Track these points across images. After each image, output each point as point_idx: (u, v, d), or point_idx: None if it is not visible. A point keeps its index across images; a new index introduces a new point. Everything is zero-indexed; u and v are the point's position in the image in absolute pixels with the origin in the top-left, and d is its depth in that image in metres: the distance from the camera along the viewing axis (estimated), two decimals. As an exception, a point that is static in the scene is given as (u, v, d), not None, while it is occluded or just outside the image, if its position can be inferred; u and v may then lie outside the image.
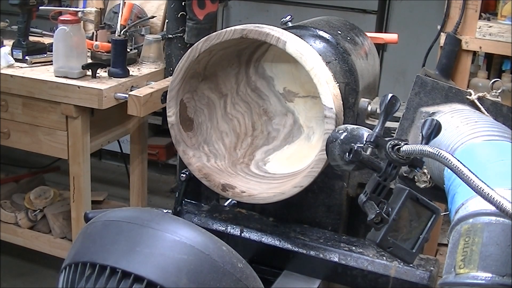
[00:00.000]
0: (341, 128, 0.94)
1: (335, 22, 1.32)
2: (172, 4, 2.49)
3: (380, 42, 1.58)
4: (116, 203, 3.10)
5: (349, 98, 1.19)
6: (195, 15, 2.45)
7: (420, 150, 0.75)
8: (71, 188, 2.35)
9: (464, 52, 2.26)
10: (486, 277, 0.66)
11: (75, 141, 2.25)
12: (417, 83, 1.12)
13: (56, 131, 2.22)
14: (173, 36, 2.52)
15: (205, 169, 1.21)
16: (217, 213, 1.30)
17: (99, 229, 0.87)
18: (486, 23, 2.21)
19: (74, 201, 2.36)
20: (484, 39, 2.20)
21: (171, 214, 1.07)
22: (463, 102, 1.11)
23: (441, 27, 2.28)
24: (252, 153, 1.29)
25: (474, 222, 0.71)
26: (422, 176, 1.00)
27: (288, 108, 1.31)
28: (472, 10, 2.21)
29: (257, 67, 1.29)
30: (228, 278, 0.82)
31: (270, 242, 1.23)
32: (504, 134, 0.90)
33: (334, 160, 0.93)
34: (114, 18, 2.59)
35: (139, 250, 0.81)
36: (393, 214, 0.80)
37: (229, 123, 1.29)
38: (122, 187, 3.52)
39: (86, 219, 1.18)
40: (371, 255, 1.16)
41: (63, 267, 0.87)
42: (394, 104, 0.89)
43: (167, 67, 2.56)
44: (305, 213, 1.29)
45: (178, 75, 1.16)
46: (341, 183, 1.25)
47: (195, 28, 2.47)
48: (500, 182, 0.73)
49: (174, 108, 1.19)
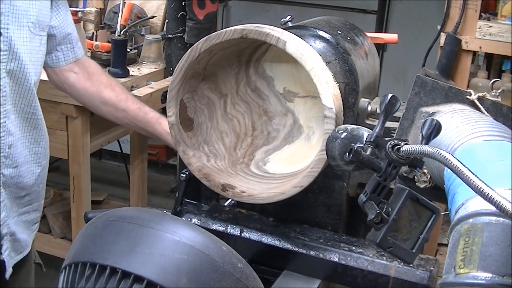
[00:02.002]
0: (341, 128, 0.94)
1: (335, 22, 1.32)
2: (172, 4, 2.50)
3: (380, 42, 1.58)
4: (116, 203, 3.11)
5: (349, 98, 1.19)
6: (195, 15, 2.45)
7: (420, 150, 0.75)
8: (71, 188, 2.35)
9: (464, 52, 2.26)
10: (486, 277, 0.66)
11: (75, 141, 2.25)
12: (417, 83, 1.12)
13: (56, 131, 2.22)
14: (173, 36, 2.53)
15: (205, 169, 1.21)
16: (217, 213, 1.30)
17: (99, 229, 0.87)
18: (486, 23, 2.21)
19: (74, 201, 2.37)
20: (484, 39, 2.21)
21: (171, 214, 1.07)
22: (463, 102, 1.11)
23: (441, 27, 2.28)
24: (252, 153, 1.29)
25: (474, 222, 0.71)
26: (422, 176, 1.00)
27: (288, 108, 1.31)
28: (472, 10, 2.22)
29: (257, 67, 1.29)
30: (228, 278, 0.82)
31: (270, 242, 1.23)
32: (504, 134, 0.90)
33: (334, 160, 0.93)
34: (114, 18, 2.60)
35: (139, 250, 0.81)
36: (393, 214, 0.80)
37: (229, 123, 1.29)
38: (122, 187, 3.52)
39: (86, 219, 1.18)
40: (371, 255, 1.16)
41: (63, 267, 0.87)
42: (394, 104, 0.89)
43: (167, 67, 2.56)
44: (305, 213, 1.29)
45: (178, 75, 1.16)
46: (341, 183, 1.25)
47: (195, 28, 2.47)
48: (500, 182, 0.73)
49: (174, 108, 1.19)
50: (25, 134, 1.40)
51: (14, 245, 1.44)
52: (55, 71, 1.55)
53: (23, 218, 1.48)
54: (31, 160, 1.44)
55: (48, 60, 1.52)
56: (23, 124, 1.39)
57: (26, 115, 1.38)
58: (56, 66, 1.54)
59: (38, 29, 1.36)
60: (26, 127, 1.40)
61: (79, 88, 1.57)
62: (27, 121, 1.39)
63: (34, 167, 1.45)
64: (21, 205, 1.46)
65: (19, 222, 1.46)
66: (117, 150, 3.25)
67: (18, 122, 1.37)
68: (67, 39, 1.51)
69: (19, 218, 1.46)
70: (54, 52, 1.52)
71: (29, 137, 1.42)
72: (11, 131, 1.34)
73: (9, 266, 1.43)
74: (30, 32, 1.32)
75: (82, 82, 1.57)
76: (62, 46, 1.52)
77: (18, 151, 1.38)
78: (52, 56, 1.52)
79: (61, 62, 1.54)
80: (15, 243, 1.45)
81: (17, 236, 1.45)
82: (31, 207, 1.50)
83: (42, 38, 1.39)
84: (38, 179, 1.49)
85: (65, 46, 1.52)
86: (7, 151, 1.34)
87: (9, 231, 1.42)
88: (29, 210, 1.50)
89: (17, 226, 1.45)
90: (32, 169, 1.45)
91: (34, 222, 1.55)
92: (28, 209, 1.49)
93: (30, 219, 1.51)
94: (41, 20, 1.37)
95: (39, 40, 1.37)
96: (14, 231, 1.43)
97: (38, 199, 1.53)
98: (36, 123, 1.42)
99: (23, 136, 1.40)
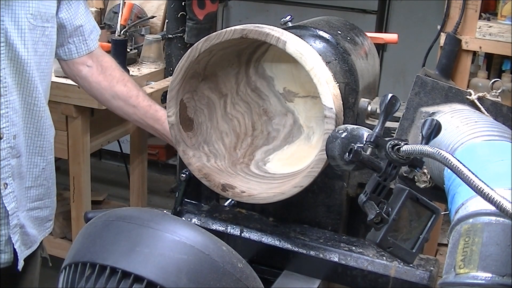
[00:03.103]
0: (341, 128, 0.94)
1: (335, 22, 1.32)
2: (172, 4, 2.50)
3: (380, 42, 1.58)
4: (116, 203, 3.11)
5: (349, 98, 1.19)
6: (195, 15, 2.45)
7: (420, 150, 0.75)
8: (71, 188, 2.36)
9: (464, 52, 2.26)
10: (486, 277, 0.66)
11: (75, 141, 2.26)
12: (417, 83, 1.12)
13: (56, 131, 2.22)
14: (173, 36, 2.53)
15: (205, 169, 1.21)
16: (217, 213, 1.30)
17: (99, 229, 0.87)
18: (486, 23, 2.21)
19: (74, 201, 2.37)
20: (484, 39, 2.21)
21: (171, 214, 1.07)
22: (463, 102, 1.11)
23: (441, 27, 2.28)
24: (252, 153, 1.29)
25: (474, 222, 0.71)
26: (422, 176, 1.00)
27: (288, 108, 1.31)
28: (472, 10, 2.22)
29: (257, 67, 1.29)
30: (228, 278, 0.82)
31: (270, 242, 1.23)
32: (504, 134, 0.90)
33: (334, 160, 0.93)
34: (114, 18, 2.60)
35: (139, 250, 0.81)
36: (393, 214, 0.80)
37: (229, 123, 1.29)
38: (122, 187, 3.52)
39: (86, 219, 1.18)
40: (371, 255, 1.16)
41: (63, 267, 0.87)
42: (394, 104, 0.89)
43: (167, 67, 2.56)
44: (305, 213, 1.29)
45: (178, 75, 1.16)
46: (341, 183, 1.25)
47: (195, 28, 2.47)
48: (500, 182, 0.73)
49: (174, 108, 1.20)
50: (28, 125, 1.41)
51: (23, 238, 1.46)
52: (68, 63, 1.57)
53: (34, 214, 1.49)
54: (34, 152, 1.45)
55: (61, 53, 1.54)
56: (26, 115, 1.40)
57: (28, 106, 1.39)
58: (69, 59, 1.55)
59: (40, 21, 1.37)
60: (29, 118, 1.41)
61: (91, 81, 1.58)
62: (30, 112, 1.40)
63: (38, 159, 1.46)
64: (30, 199, 1.47)
65: (29, 216, 1.47)
66: (117, 150, 3.25)
67: (21, 113, 1.38)
68: (78, 31, 1.52)
69: (28, 213, 1.47)
70: (66, 45, 1.53)
71: (33, 129, 1.43)
72: (14, 121, 1.35)
73: (21, 258, 1.45)
74: (29, 23, 1.33)
75: (95, 76, 1.58)
76: (74, 39, 1.53)
77: (20, 141, 1.39)
78: (65, 48, 1.53)
79: (74, 55, 1.55)
80: (25, 237, 1.46)
81: (26, 230, 1.46)
82: (42, 203, 1.51)
83: (46, 29, 1.39)
84: (45, 173, 1.50)
85: (77, 38, 1.53)
86: (12, 141, 1.36)
87: (19, 223, 1.43)
88: (40, 206, 1.51)
89: (26, 220, 1.46)
90: (36, 161, 1.46)
91: (47, 219, 1.56)
92: (39, 204, 1.51)
93: (42, 216, 1.53)
94: (43, 12, 1.37)
95: (41, 31, 1.38)
96: (24, 224, 1.45)
97: (50, 195, 1.54)
98: (39, 114, 1.43)
99: (26, 127, 1.41)
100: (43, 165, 1.48)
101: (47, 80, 1.45)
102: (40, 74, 1.40)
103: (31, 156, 1.44)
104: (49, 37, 1.42)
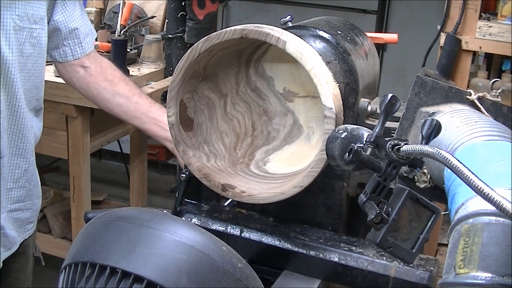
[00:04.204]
0: (341, 128, 0.94)
1: (335, 22, 1.32)
2: (172, 4, 2.50)
3: (380, 42, 1.58)
4: (116, 203, 3.11)
5: (349, 98, 1.19)
6: (195, 15, 2.46)
7: (420, 150, 0.75)
8: (71, 188, 2.36)
9: (464, 52, 2.26)
10: (486, 277, 0.66)
11: (75, 141, 2.26)
12: (417, 83, 1.12)
13: (56, 131, 2.22)
14: (173, 36, 2.53)
15: (205, 169, 1.21)
16: (217, 213, 1.30)
17: (99, 229, 0.87)
18: (486, 23, 2.21)
19: (74, 201, 2.37)
20: (484, 39, 2.21)
21: (171, 214, 1.07)
22: (463, 102, 1.11)
23: (441, 27, 2.28)
24: (252, 153, 1.29)
25: (474, 222, 0.71)
26: (422, 176, 1.00)
27: (288, 108, 1.31)
28: (472, 10, 2.22)
29: (257, 67, 1.29)
30: (228, 278, 0.82)
31: (270, 242, 1.23)
32: (504, 134, 0.90)
33: (334, 160, 0.93)
34: (114, 18, 2.60)
35: (139, 250, 0.81)
36: (393, 214, 0.80)
37: (229, 123, 1.29)
38: (122, 187, 3.53)
39: (86, 219, 1.18)
40: (371, 255, 1.16)
41: (63, 267, 0.87)
42: (394, 104, 0.89)
43: (167, 67, 2.56)
44: (305, 213, 1.29)
45: (178, 75, 1.16)
46: (341, 183, 1.25)
47: (195, 28, 2.47)
48: (500, 182, 0.73)
49: (174, 108, 1.20)
50: (11, 126, 1.40)
51: (3, 239, 1.44)
52: (64, 65, 1.57)
53: (14, 215, 1.48)
54: (16, 153, 1.43)
55: (56, 55, 1.54)
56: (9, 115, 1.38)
57: (11, 107, 1.38)
58: (64, 61, 1.56)
59: (27, 22, 1.36)
60: (12, 119, 1.39)
61: (90, 81, 1.58)
62: (12, 113, 1.39)
63: (19, 160, 1.45)
64: (11, 201, 1.45)
65: (9, 218, 1.46)
66: (117, 150, 3.25)
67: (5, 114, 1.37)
68: (73, 34, 1.52)
69: (9, 214, 1.46)
70: (61, 47, 1.53)
71: (16, 130, 1.41)
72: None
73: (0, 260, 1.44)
74: (15, 24, 1.33)
75: (94, 76, 1.58)
76: (69, 41, 1.53)
77: (3, 142, 1.38)
78: (60, 51, 1.54)
79: (69, 57, 1.55)
80: (4, 238, 1.45)
81: (6, 231, 1.44)
82: (23, 205, 1.50)
83: (34, 31, 1.39)
84: (26, 175, 1.48)
85: (72, 41, 1.53)
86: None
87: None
88: (21, 207, 1.49)
89: (7, 222, 1.45)
90: (17, 162, 1.44)
91: (28, 221, 1.54)
92: (20, 206, 1.49)
93: (23, 218, 1.51)
94: (31, 13, 1.37)
95: (28, 32, 1.37)
96: (3, 226, 1.43)
97: (31, 197, 1.52)
98: (22, 116, 1.41)
99: (9, 128, 1.39)
100: (25, 167, 1.47)
101: (32, 81, 1.43)
102: (25, 75, 1.39)
103: (13, 158, 1.43)
104: (37, 39, 1.41)
